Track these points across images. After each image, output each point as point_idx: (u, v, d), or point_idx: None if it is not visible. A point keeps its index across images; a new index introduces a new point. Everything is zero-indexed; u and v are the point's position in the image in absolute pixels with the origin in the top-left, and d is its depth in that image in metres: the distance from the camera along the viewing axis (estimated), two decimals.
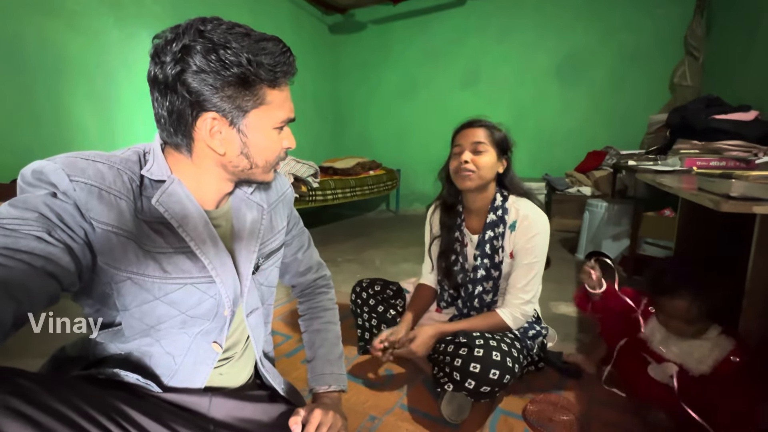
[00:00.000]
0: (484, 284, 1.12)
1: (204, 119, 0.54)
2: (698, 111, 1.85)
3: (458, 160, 1.06)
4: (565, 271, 2.26)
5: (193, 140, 0.57)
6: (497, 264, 1.10)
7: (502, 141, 1.07)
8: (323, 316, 0.87)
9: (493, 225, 1.09)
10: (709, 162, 1.61)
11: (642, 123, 3.07)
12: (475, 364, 0.90)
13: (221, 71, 0.52)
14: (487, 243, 1.10)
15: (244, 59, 0.52)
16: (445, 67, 4.28)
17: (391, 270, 2.41)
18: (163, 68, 0.52)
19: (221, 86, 0.53)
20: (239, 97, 0.54)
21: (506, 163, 1.10)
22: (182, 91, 0.52)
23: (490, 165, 1.06)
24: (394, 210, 4.66)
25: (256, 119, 0.57)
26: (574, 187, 3.24)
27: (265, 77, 0.55)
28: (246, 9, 3.62)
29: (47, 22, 2.27)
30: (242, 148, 0.58)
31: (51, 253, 0.45)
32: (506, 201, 1.09)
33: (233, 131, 0.56)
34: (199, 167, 0.60)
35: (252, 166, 0.61)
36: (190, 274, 0.58)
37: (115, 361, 0.61)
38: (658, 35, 3.31)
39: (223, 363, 0.69)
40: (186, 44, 0.51)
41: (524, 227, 1.06)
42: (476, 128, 1.07)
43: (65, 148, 2.49)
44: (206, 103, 0.53)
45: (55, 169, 0.49)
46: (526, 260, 1.05)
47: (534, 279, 1.05)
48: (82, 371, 0.59)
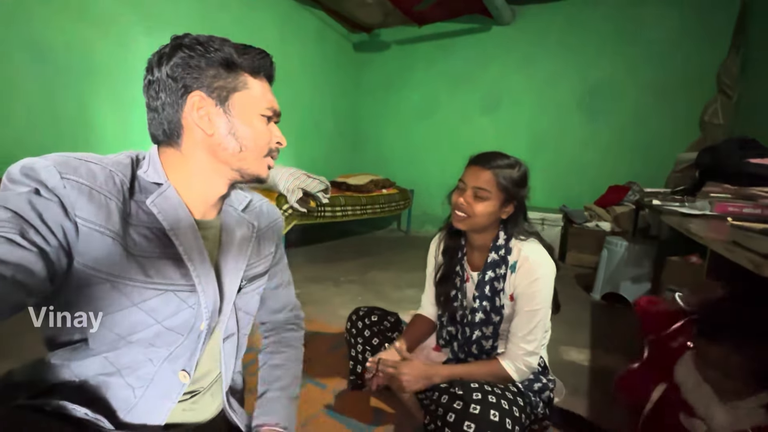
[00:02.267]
0: (483, 329, 1.03)
1: (191, 99, 0.57)
2: (731, 152, 1.73)
3: (457, 198, 1.00)
4: (578, 313, 2.12)
5: (183, 127, 0.59)
6: (498, 308, 1.01)
7: (510, 187, 0.96)
8: (285, 351, 0.81)
9: (494, 265, 1.01)
10: (742, 208, 1.49)
11: (667, 159, 2.95)
12: (470, 423, 0.80)
13: (205, 54, 0.57)
14: (488, 284, 1.02)
15: (227, 48, 0.58)
16: (466, 92, 4.27)
17: (393, 295, 2.32)
18: (153, 71, 0.57)
19: (205, 66, 0.57)
20: (222, 78, 0.58)
21: (513, 210, 1.01)
22: (170, 82, 0.57)
23: (488, 213, 0.97)
24: (404, 230, 4.59)
25: (240, 102, 0.60)
26: (593, 222, 3.11)
27: (246, 65, 0.60)
28: (274, 23, 3.70)
29: (77, 27, 2.35)
30: (230, 128, 0.59)
31: (22, 257, 0.43)
32: (510, 240, 1.01)
33: (219, 111, 0.59)
34: (190, 161, 0.60)
35: (241, 148, 0.61)
36: (172, 281, 0.57)
37: (66, 389, 0.56)
38: (687, 71, 3.22)
39: (188, 397, 0.64)
40: (174, 44, 0.57)
41: (525, 269, 0.96)
42: (484, 170, 0.96)
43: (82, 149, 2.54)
44: (192, 85, 0.57)
45: (46, 166, 0.49)
46: (527, 307, 0.96)
47: (537, 328, 0.95)
48: (27, 401, 0.54)
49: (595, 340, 1.78)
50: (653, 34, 3.33)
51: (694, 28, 3.18)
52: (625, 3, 3.44)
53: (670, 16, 3.26)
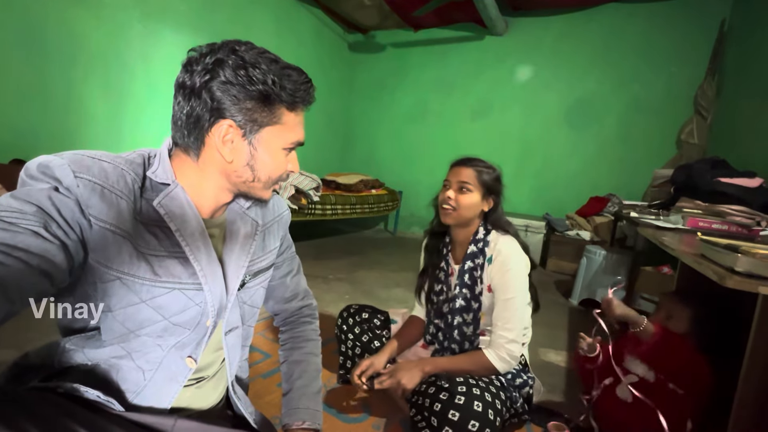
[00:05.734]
0: (464, 315, 1.12)
1: (220, 126, 0.57)
2: (704, 171, 1.85)
3: (443, 195, 1.12)
4: (557, 317, 2.22)
5: (204, 144, 0.59)
6: (476, 296, 1.10)
7: (489, 182, 1.11)
8: (305, 346, 0.84)
9: (473, 256, 1.11)
10: (711, 224, 1.60)
11: (646, 174, 3.10)
12: (455, 412, 0.86)
13: (247, 85, 0.55)
14: (467, 273, 1.11)
15: (270, 79, 0.56)
16: (458, 98, 4.35)
17: (382, 294, 2.36)
18: (192, 76, 0.56)
19: (243, 98, 0.56)
20: (257, 112, 0.57)
21: (492, 203, 1.13)
22: (206, 97, 0.55)
23: (471, 204, 1.10)
24: (391, 231, 4.64)
25: (269, 136, 0.60)
26: (574, 230, 3.23)
27: (286, 99, 0.59)
28: (271, 18, 3.70)
29: (72, 9, 2.31)
30: (249, 160, 0.60)
31: (47, 249, 0.45)
32: (488, 234, 1.12)
33: (244, 142, 0.59)
34: (203, 172, 0.61)
35: (254, 179, 0.62)
36: (180, 279, 0.58)
37: (79, 372, 0.58)
38: (668, 91, 3.37)
39: (193, 383, 0.66)
40: (219, 58, 0.55)
41: (499, 261, 1.07)
42: (466, 167, 1.11)
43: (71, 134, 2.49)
44: (225, 111, 0.56)
45: (61, 164, 0.50)
46: (503, 296, 1.06)
47: (514, 316, 1.03)
48: (41, 383, 0.56)
49: (572, 343, 1.87)
50: (640, 52, 3.48)
51: (677, 50, 3.33)
52: (615, 21, 3.58)
53: (657, 37, 3.42)
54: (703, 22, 3.20)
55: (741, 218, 1.61)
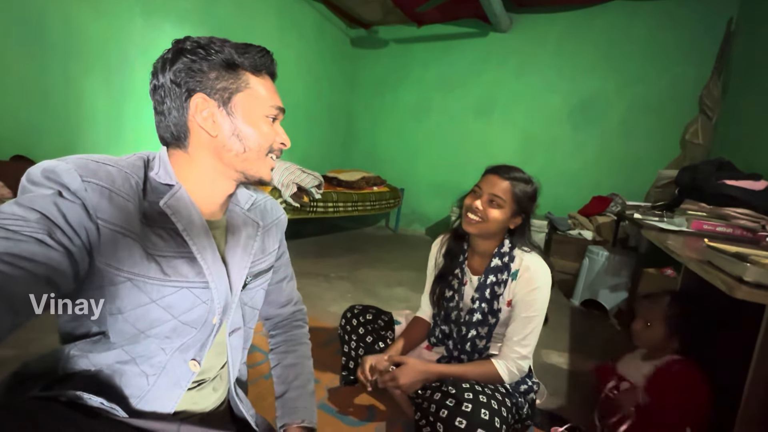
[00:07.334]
0: (479, 329, 1.09)
1: (194, 102, 0.59)
2: (709, 173, 1.83)
3: (472, 202, 1.05)
4: (559, 317, 2.22)
5: (189, 130, 0.60)
6: (495, 311, 1.07)
7: (523, 200, 1.03)
8: (298, 349, 0.85)
9: (496, 270, 1.07)
10: (716, 227, 1.59)
11: (649, 174, 3.08)
12: (461, 419, 0.85)
13: (207, 57, 0.59)
14: (488, 288, 1.07)
15: (227, 50, 0.60)
16: (461, 95, 4.32)
17: (383, 293, 2.36)
18: (157, 76, 0.60)
19: (207, 70, 0.59)
20: (223, 80, 0.60)
21: (521, 221, 1.06)
22: (174, 85, 0.58)
23: (500, 219, 1.03)
24: (393, 228, 4.63)
25: (243, 102, 0.61)
26: (576, 230, 3.22)
27: (247, 64, 0.61)
28: (273, 12, 3.66)
29: (72, 3, 2.28)
30: (233, 130, 0.61)
31: (51, 258, 0.45)
32: (513, 249, 1.07)
33: (222, 113, 0.60)
34: (197, 162, 0.62)
35: (245, 149, 0.62)
36: (187, 278, 0.59)
37: (82, 379, 0.58)
38: (673, 91, 3.34)
39: (194, 386, 0.67)
40: (177, 48, 0.59)
41: (525, 279, 1.03)
42: (503, 179, 1.02)
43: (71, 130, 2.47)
44: (195, 87, 0.59)
45: (67, 169, 0.50)
46: (524, 313, 1.02)
47: (531, 334, 1.02)
48: (42, 392, 0.56)
49: (574, 345, 1.87)
50: (645, 51, 3.44)
51: (682, 49, 3.30)
52: (620, 19, 3.54)
53: (662, 35, 3.38)
54: (709, 20, 3.16)
55: (746, 221, 1.60)
